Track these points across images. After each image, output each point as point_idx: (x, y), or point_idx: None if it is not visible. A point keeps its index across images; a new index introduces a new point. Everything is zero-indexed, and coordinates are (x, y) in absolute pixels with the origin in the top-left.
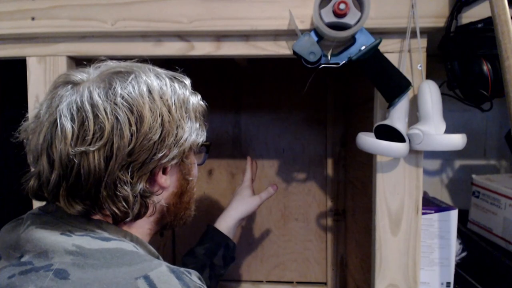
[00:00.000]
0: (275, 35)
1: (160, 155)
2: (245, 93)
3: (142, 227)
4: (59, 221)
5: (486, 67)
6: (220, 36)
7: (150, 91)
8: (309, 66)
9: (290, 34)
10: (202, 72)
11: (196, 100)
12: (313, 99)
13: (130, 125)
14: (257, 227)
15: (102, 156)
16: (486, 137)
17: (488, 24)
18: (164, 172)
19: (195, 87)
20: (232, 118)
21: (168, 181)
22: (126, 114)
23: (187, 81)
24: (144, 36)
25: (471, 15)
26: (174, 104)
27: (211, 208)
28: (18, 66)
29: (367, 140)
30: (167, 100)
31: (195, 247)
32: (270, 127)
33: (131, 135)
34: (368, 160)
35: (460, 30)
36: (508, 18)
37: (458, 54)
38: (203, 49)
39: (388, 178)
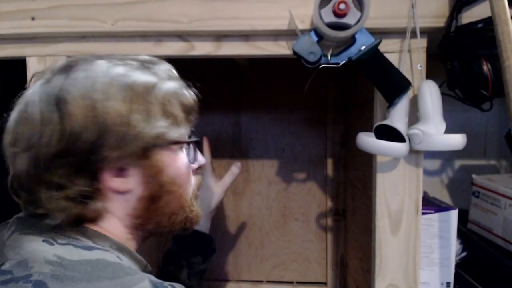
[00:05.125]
0: (275, 35)
1: (99, 156)
2: (245, 93)
3: (119, 232)
4: (43, 227)
5: (486, 67)
6: (220, 36)
7: (89, 86)
8: (309, 66)
9: (290, 34)
10: (202, 72)
11: (170, 89)
12: (313, 99)
13: (59, 125)
14: (257, 227)
15: (29, 157)
16: (486, 137)
17: (488, 24)
18: (120, 174)
19: (196, 87)
20: (232, 118)
21: (128, 184)
22: (56, 114)
23: (161, 66)
24: (144, 36)
25: (471, 15)
26: (125, 98)
27: None
28: (18, 66)
29: (367, 140)
30: (113, 94)
31: (170, 247)
32: (270, 127)
33: (60, 136)
34: (368, 160)
35: (460, 30)
36: (508, 18)
37: (458, 54)
38: (203, 49)
39: (388, 178)
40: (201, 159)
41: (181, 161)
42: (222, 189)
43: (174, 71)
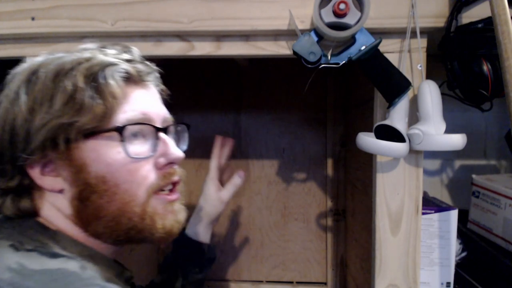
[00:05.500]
0: (275, 35)
1: (17, 154)
2: (245, 93)
3: (80, 235)
4: (14, 229)
5: (486, 67)
6: (220, 36)
7: (8, 88)
8: (309, 66)
9: (290, 34)
10: (202, 72)
11: (88, 74)
12: (313, 99)
13: None
14: (257, 227)
15: None
16: (486, 137)
17: (488, 24)
18: (48, 172)
19: (196, 87)
20: (232, 118)
21: (58, 183)
22: None
23: (98, 49)
24: (144, 36)
25: (471, 15)
26: (28, 91)
27: None
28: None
29: (367, 140)
30: (21, 89)
31: (168, 254)
32: (270, 127)
33: None
34: (368, 160)
35: (460, 30)
36: (508, 18)
37: (458, 54)
38: (203, 49)
39: (388, 178)
40: (172, 152)
41: (113, 156)
42: (222, 199)
43: (125, 55)
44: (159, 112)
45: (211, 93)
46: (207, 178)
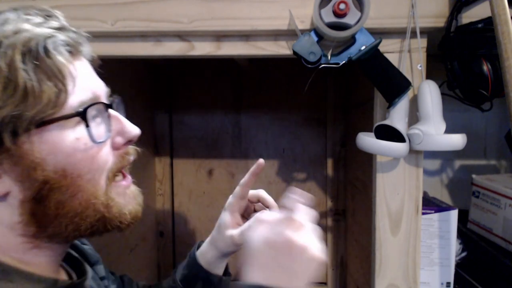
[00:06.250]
0: (275, 35)
1: None
2: (245, 93)
3: (13, 244)
4: None
5: (486, 67)
6: (220, 36)
7: None
8: (309, 66)
9: (290, 34)
10: (202, 72)
11: (23, 45)
12: (313, 99)
13: None
14: None
15: None
16: (486, 137)
17: (488, 24)
18: None
19: (196, 87)
20: (232, 118)
21: (1, 186)
22: None
23: (27, 18)
24: (144, 36)
25: (471, 15)
26: None
27: (211, 208)
28: None
29: (367, 140)
30: None
31: (176, 270)
32: (270, 127)
33: None
34: (368, 160)
35: (460, 30)
36: (508, 18)
37: (458, 54)
38: (203, 49)
39: (388, 178)
40: (129, 130)
41: (72, 144)
42: (234, 241)
43: (53, 23)
44: (101, 87)
45: (211, 93)
46: (226, 206)
